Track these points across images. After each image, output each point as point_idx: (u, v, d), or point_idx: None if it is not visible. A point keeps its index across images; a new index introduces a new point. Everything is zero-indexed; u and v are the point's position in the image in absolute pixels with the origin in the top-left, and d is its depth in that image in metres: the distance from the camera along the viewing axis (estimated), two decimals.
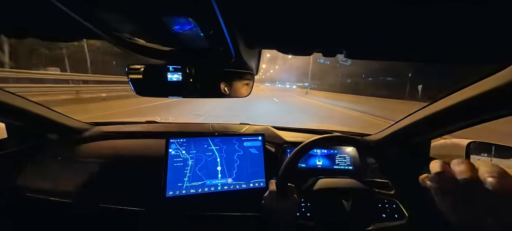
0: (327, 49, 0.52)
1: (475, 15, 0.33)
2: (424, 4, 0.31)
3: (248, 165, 0.92)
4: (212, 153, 0.89)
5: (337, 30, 0.43)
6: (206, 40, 0.46)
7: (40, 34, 0.52)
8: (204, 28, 0.41)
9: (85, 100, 8.48)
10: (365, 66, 26.88)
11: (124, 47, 0.51)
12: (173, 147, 0.86)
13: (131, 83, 0.63)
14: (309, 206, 0.81)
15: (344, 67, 31.92)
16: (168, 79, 0.63)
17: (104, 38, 0.47)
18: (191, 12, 0.36)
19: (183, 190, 0.83)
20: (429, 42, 0.44)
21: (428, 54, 0.53)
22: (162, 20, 0.38)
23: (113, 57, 14.83)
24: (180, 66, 0.63)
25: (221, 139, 0.92)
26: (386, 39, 0.45)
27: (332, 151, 1.06)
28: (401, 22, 0.37)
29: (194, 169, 0.86)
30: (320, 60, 34.09)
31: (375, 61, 0.63)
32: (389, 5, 0.32)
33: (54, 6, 0.33)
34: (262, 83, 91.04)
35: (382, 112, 9.10)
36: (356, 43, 0.49)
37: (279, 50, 0.56)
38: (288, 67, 78.87)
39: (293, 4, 0.34)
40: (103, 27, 0.43)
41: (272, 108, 9.83)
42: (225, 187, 0.88)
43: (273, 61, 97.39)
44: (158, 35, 0.49)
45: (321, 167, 1.05)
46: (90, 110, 6.64)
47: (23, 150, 0.93)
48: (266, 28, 0.44)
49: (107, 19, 0.41)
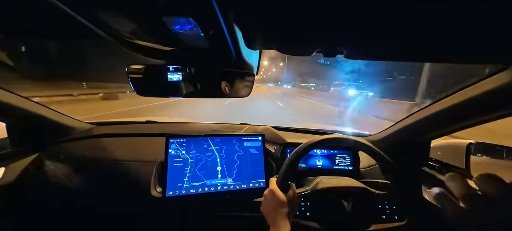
0: (327, 49, 0.52)
1: (476, 15, 0.33)
2: (424, 4, 0.31)
3: (248, 166, 0.92)
4: (212, 153, 0.89)
5: (337, 30, 0.43)
6: (206, 40, 0.46)
7: (41, 34, 0.52)
8: (204, 28, 0.41)
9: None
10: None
11: (124, 47, 0.52)
12: (173, 147, 0.86)
13: (131, 83, 0.63)
14: (309, 206, 0.81)
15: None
16: (169, 79, 0.63)
17: (105, 38, 0.47)
18: (191, 12, 0.36)
19: (183, 190, 0.83)
20: (429, 42, 0.44)
21: (428, 54, 0.53)
22: (163, 20, 0.38)
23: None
24: (180, 66, 0.63)
25: (221, 139, 0.92)
26: (387, 40, 0.45)
27: (332, 151, 1.06)
28: (401, 22, 0.37)
29: (194, 169, 0.86)
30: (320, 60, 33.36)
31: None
32: (389, 5, 0.32)
33: (55, 6, 0.33)
34: (263, 83, 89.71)
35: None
36: (356, 44, 0.49)
37: (279, 50, 0.56)
38: (290, 66, 77.33)
39: (293, 4, 0.34)
40: (104, 27, 0.43)
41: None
42: (225, 187, 0.88)
43: (274, 59, 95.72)
44: (158, 35, 0.49)
45: (321, 167, 1.05)
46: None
47: (24, 149, 0.93)
48: (266, 28, 0.44)
49: (108, 19, 0.41)
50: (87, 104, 9.35)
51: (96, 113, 6.74)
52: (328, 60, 44.27)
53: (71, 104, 8.71)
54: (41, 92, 8.60)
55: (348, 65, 43.79)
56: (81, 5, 0.35)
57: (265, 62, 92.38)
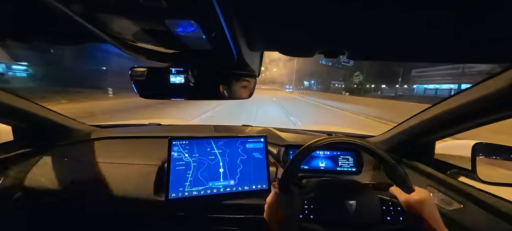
0: (329, 50, 0.52)
1: (476, 14, 0.32)
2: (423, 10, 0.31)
3: (251, 167, 0.91)
4: (215, 157, 0.89)
5: (338, 31, 0.43)
6: (208, 43, 0.46)
7: (44, 37, 0.53)
8: (206, 30, 0.41)
9: None
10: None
11: (127, 49, 0.52)
12: (176, 149, 0.86)
13: (134, 86, 0.64)
14: (312, 208, 0.80)
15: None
16: (171, 82, 0.63)
17: (108, 41, 0.48)
18: (193, 15, 0.36)
19: (185, 192, 0.84)
20: (430, 42, 0.44)
21: (429, 54, 0.52)
22: (165, 23, 0.39)
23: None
24: (182, 68, 0.63)
25: (224, 142, 0.91)
26: (388, 40, 0.45)
27: (335, 153, 1.06)
28: (402, 23, 0.37)
29: (196, 173, 0.86)
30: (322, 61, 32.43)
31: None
32: (390, 6, 0.32)
33: (59, 10, 0.34)
34: (263, 84, 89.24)
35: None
36: (357, 44, 0.49)
37: (281, 52, 0.56)
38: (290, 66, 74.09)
39: (295, 6, 0.34)
40: (107, 30, 0.43)
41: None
42: (228, 189, 0.88)
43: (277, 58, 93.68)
44: (161, 38, 0.49)
45: (324, 168, 1.04)
46: None
47: (29, 152, 0.95)
48: (268, 31, 0.44)
49: (111, 22, 0.41)
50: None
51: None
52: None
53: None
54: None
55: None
56: (84, 9, 0.36)
57: (267, 59, 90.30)
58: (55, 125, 1.00)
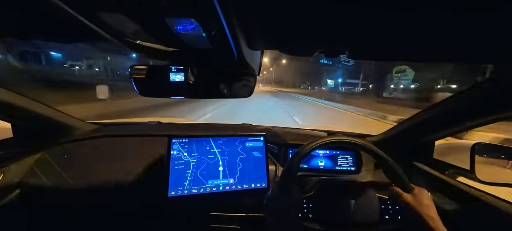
0: (329, 49, 0.52)
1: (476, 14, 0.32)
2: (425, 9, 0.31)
3: (251, 166, 0.91)
4: (214, 156, 0.89)
5: (339, 30, 0.42)
6: (208, 41, 0.46)
7: (44, 35, 0.53)
8: (206, 28, 0.41)
9: None
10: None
11: (127, 47, 0.52)
12: (175, 147, 0.86)
13: (134, 84, 0.64)
14: (311, 207, 0.81)
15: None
16: (171, 80, 0.63)
17: (108, 39, 0.48)
18: (193, 13, 0.36)
19: (185, 190, 0.84)
20: (430, 42, 0.44)
21: (429, 54, 0.52)
22: (165, 21, 0.39)
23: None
24: (182, 66, 0.63)
25: (223, 140, 0.91)
26: (388, 40, 0.45)
27: (334, 152, 1.06)
28: (402, 23, 0.37)
29: (195, 172, 0.86)
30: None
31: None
32: (390, 5, 0.32)
33: (58, 7, 0.34)
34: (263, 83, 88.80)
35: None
36: (358, 44, 0.49)
37: (281, 51, 0.56)
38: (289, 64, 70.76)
39: (295, 5, 0.34)
40: (107, 28, 0.43)
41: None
42: (227, 187, 0.88)
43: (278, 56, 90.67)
44: (161, 36, 0.49)
45: (323, 167, 1.04)
46: None
47: (29, 149, 0.95)
48: (268, 29, 0.44)
49: (110, 20, 0.41)
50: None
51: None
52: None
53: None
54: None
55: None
56: (84, 6, 0.36)
57: (265, 59, 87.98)
58: (55, 122, 1.00)
